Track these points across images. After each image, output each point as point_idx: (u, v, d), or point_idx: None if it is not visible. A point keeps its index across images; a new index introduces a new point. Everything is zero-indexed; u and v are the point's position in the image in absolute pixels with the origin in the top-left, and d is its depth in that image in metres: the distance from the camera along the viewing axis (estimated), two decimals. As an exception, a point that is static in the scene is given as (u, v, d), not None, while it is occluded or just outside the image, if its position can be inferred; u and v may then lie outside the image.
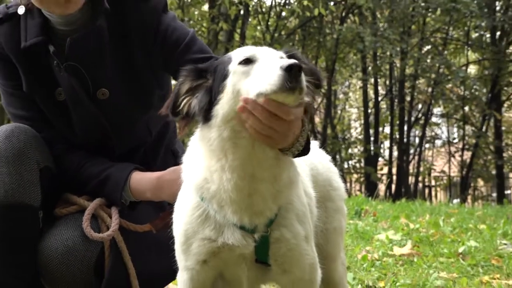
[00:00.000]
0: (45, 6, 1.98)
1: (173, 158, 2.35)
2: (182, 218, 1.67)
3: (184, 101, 1.59)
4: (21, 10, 2.07)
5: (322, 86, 1.66)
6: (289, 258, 1.62)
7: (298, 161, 1.74)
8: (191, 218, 1.63)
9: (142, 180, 2.09)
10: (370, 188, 16.49)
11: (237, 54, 1.56)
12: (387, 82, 20.92)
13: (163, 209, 2.18)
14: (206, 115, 1.54)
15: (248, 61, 1.51)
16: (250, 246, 1.59)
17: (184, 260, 1.68)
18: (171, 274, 1.78)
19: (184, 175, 1.70)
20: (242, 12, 14.36)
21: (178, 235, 1.69)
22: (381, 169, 21.05)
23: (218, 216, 1.59)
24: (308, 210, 1.71)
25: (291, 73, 1.38)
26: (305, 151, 1.68)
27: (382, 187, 18.70)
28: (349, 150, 22.10)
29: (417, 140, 21.75)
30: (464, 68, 19.62)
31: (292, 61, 1.40)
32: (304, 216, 1.66)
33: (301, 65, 1.41)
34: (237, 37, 15.51)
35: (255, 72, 1.48)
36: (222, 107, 1.51)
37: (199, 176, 1.60)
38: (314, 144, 2.17)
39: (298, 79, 1.40)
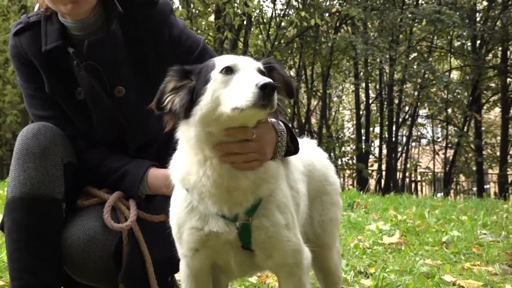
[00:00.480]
0: (54, 5, 1.98)
1: None
2: (174, 209, 1.69)
3: (168, 98, 1.61)
4: (37, 6, 2.09)
5: (294, 97, 1.68)
6: (269, 245, 1.63)
7: (292, 159, 1.77)
8: (180, 209, 1.65)
9: (158, 177, 2.08)
10: (362, 183, 16.43)
11: (220, 62, 1.56)
12: (377, 86, 20.86)
13: None
14: (186, 113, 1.55)
15: (228, 70, 1.51)
16: (233, 232, 1.60)
17: (180, 248, 1.71)
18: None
19: (170, 169, 1.71)
20: (245, 22, 14.34)
21: (172, 225, 1.71)
22: (372, 165, 20.97)
23: (201, 207, 1.60)
24: (291, 202, 1.71)
25: (265, 92, 1.40)
26: (295, 150, 1.73)
27: (372, 182, 18.65)
28: (343, 148, 22.02)
29: (404, 139, 21.66)
30: (447, 73, 19.52)
31: (267, 80, 1.41)
32: (285, 206, 1.66)
33: (275, 85, 1.42)
34: (240, 45, 15.50)
35: (234, 83, 1.48)
36: (201, 109, 1.52)
37: (182, 169, 1.62)
38: (312, 143, 2.18)
39: (271, 98, 1.42)
